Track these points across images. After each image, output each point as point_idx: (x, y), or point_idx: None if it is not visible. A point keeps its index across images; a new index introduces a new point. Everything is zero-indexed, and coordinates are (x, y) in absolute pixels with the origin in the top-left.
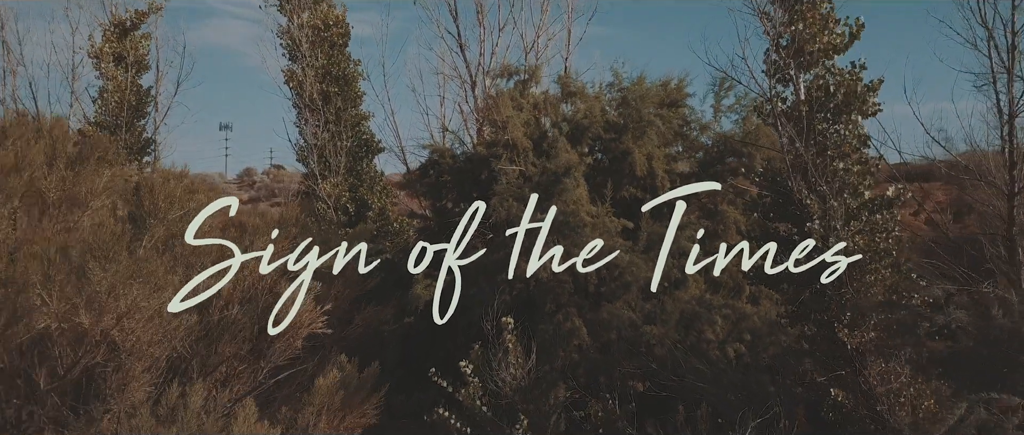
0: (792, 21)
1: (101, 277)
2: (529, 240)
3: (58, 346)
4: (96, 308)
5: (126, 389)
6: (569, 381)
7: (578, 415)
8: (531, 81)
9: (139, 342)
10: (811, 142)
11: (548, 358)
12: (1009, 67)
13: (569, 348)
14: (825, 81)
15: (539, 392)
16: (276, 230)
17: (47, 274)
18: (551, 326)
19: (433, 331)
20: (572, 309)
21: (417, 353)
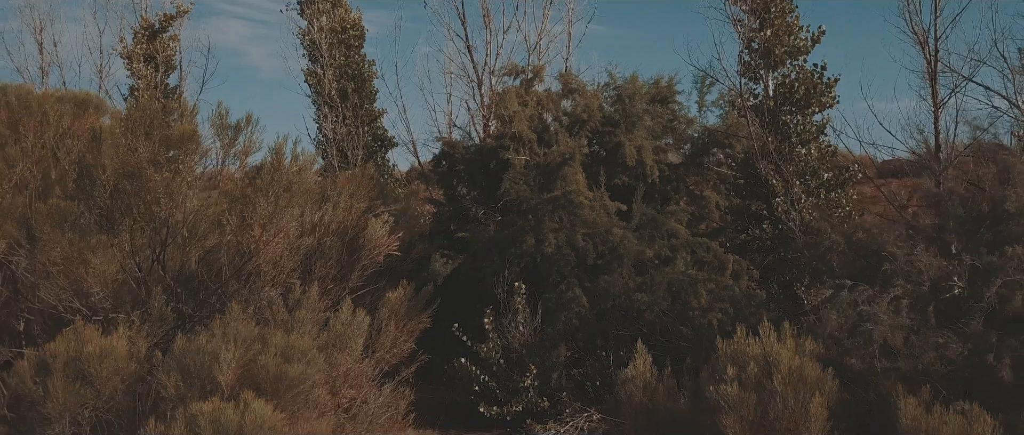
0: (762, 27)
1: (263, 206)
2: (535, 218)
3: (227, 256)
4: (260, 227)
5: (267, 286)
6: (570, 342)
7: (577, 372)
8: (535, 79)
9: (279, 255)
10: (777, 131)
11: (552, 322)
12: (933, 69)
13: (570, 314)
14: (790, 79)
15: (544, 350)
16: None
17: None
18: (554, 294)
19: (451, 301)
20: (573, 280)
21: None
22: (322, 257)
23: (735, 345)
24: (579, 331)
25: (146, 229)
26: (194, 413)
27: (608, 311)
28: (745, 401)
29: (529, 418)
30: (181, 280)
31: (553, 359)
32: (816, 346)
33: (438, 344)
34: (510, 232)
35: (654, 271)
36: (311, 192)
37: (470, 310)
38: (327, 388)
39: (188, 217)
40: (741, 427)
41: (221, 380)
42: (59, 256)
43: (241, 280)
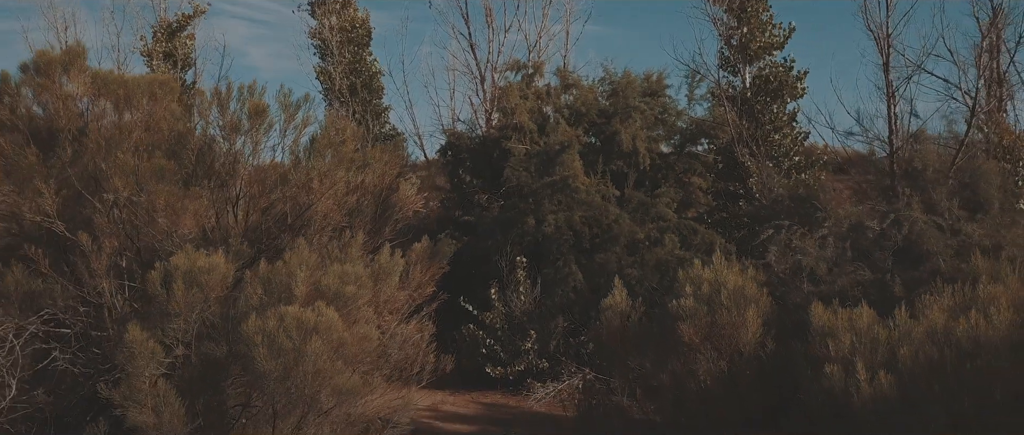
0: (739, 25)
1: (320, 164)
2: (535, 200)
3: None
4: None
5: (320, 233)
6: (567, 314)
7: (574, 341)
8: (535, 75)
9: (330, 209)
10: (752, 119)
11: (550, 295)
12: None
13: (567, 288)
14: (765, 72)
15: (543, 319)
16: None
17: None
18: (553, 270)
19: (458, 279)
20: (570, 258)
21: None
22: (361, 214)
23: (693, 271)
24: (575, 304)
25: (227, 183)
26: (282, 313)
27: (602, 286)
28: (698, 311)
29: (529, 377)
30: (252, 226)
31: (552, 328)
32: (757, 273)
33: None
34: (512, 214)
35: (645, 251)
36: (355, 158)
37: (476, 286)
38: (372, 308)
39: (259, 174)
40: (695, 331)
41: (297, 292)
42: (162, 202)
43: (298, 229)
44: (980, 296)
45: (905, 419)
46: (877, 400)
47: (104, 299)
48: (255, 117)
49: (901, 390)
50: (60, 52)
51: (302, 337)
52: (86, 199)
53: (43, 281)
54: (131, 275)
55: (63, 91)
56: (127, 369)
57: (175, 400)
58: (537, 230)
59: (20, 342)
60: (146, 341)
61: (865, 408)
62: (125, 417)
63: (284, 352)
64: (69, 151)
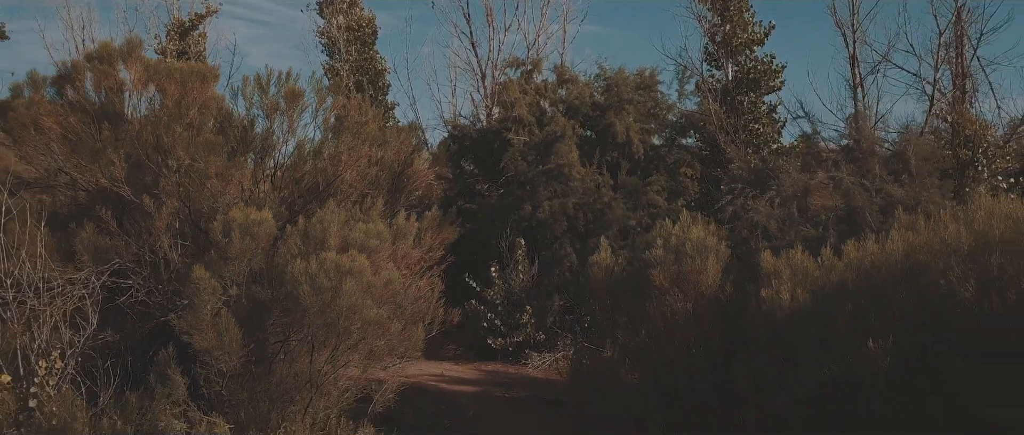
0: (722, 22)
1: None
2: (532, 188)
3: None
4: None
5: (346, 200)
6: (562, 293)
7: (569, 318)
8: (534, 71)
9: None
10: (734, 110)
11: (547, 275)
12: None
13: (562, 269)
14: (746, 66)
15: (541, 297)
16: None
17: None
18: (549, 252)
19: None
20: (565, 241)
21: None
22: (380, 185)
23: (664, 228)
24: (571, 284)
25: (265, 156)
26: (322, 258)
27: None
28: (667, 259)
29: (527, 348)
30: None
31: (548, 306)
32: (719, 230)
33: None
34: (511, 200)
35: (636, 236)
36: (375, 136)
37: (477, 269)
38: (392, 262)
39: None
40: (664, 277)
41: (330, 243)
42: (214, 171)
43: (326, 196)
44: (891, 238)
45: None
46: (794, 312)
47: (161, 254)
48: (290, 100)
49: (815, 304)
50: (120, 43)
51: (338, 278)
52: (146, 168)
53: (110, 238)
54: (183, 235)
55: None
56: (193, 301)
57: (234, 326)
58: (533, 215)
59: (99, 283)
60: (209, 279)
61: (785, 318)
62: (191, 342)
63: (323, 290)
64: (136, 126)
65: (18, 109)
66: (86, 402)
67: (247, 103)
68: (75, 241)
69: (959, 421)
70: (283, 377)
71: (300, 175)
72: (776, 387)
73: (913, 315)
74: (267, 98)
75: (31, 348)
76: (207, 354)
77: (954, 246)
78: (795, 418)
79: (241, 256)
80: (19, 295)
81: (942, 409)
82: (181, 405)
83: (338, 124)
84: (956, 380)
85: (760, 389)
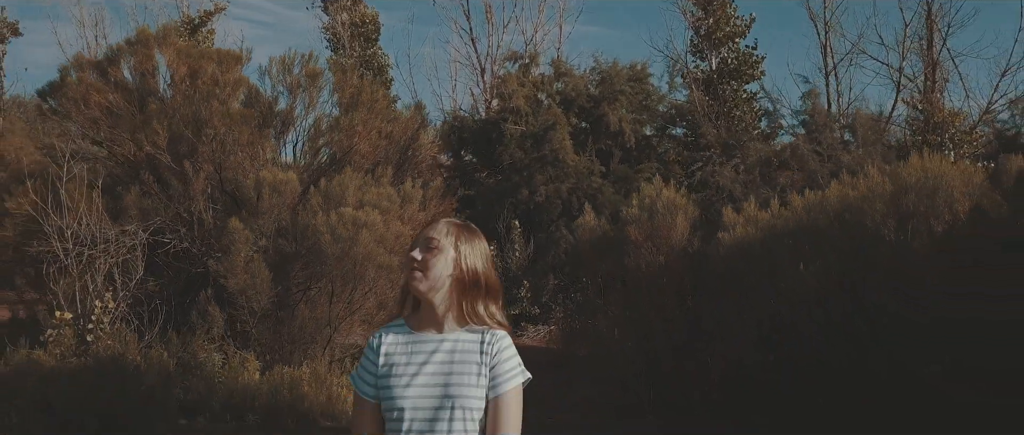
0: (706, 16)
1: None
2: (528, 174)
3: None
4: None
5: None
6: (557, 273)
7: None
8: (531, 64)
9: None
10: (717, 98)
11: (543, 256)
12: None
13: (557, 250)
14: (728, 57)
15: (536, 275)
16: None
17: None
18: (545, 234)
19: None
20: (560, 224)
21: None
22: (389, 159)
23: (641, 192)
24: (565, 264)
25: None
26: (341, 213)
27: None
28: (642, 217)
29: (524, 321)
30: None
31: (543, 284)
32: (689, 193)
33: None
34: (508, 186)
35: None
36: (385, 113)
37: None
38: (400, 222)
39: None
40: (638, 233)
41: (348, 201)
42: (245, 139)
43: (343, 164)
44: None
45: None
46: (745, 247)
47: (196, 214)
48: (311, 79)
49: (764, 243)
50: (156, 29)
51: (355, 230)
52: (183, 138)
53: (151, 200)
54: (214, 199)
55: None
56: (229, 249)
57: (265, 270)
58: (530, 199)
59: (145, 236)
60: (243, 229)
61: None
62: (226, 285)
63: (342, 239)
64: (178, 100)
65: (69, 88)
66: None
67: (272, 82)
68: (122, 202)
69: (900, 377)
70: (304, 321)
71: (319, 146)
72: (735, 325)
73: (844, 249)
74: (291, 76)
75: (88, 291)
76: (241, 295)
77: (879, 192)
78: (752, 361)
79: (270, 211)
80: (77, 247)
81: (885, 363)
82: (217, 341)
83: (352, 100)
84: (891, 328)
85: (722, 324)
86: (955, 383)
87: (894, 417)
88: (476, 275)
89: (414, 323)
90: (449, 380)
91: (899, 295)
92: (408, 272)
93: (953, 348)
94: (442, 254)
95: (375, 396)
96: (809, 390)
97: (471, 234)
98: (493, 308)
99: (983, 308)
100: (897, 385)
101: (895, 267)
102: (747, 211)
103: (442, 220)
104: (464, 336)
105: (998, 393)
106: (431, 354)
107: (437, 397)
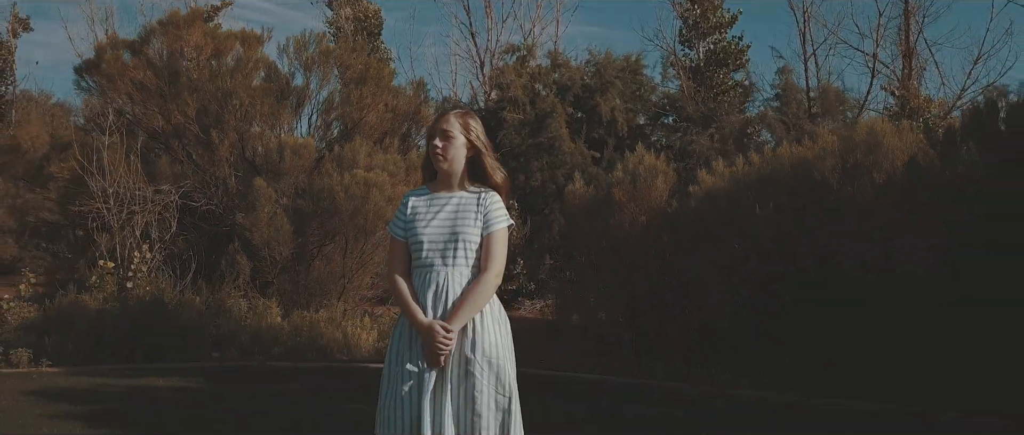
0: (694, 6)
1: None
2: (525, 160)
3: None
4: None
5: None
6: (553, 254)
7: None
8: (529, 56)
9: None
10: (703, 84)
11: (538, 238)
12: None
13: (552, 232)
14: (715, 46)
15: (533, 256)
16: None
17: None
18: (540, 217)
19: None
20: (555, 206)
21: None
22: (394, 132)
23: (625, 158)
24: (560, 245)
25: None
26: (354, 174)
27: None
28: (625, 180)
29: (520, 296)
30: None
31: (539, 265)
32: (669, 160)
33: None
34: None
35: None
36: (392, 89)
37: None
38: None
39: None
40: (623, 193)
41: (360, 165)
42: (266, 110)
43: (353, 134)
44: None
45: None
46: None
47: (222, 178)
48: (324, 56)
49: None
50: (185, 12)
51: (366, 188)
52: (209, 110)
53: (181, 166)
54: (236, 166)
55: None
56: (254, 205)
57: (287, 223)
58: (527, 184)
59: (177, 195)
60: (266, 187)
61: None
62: (251, 238)
63: (355, 197)
64: (207, 73)
65: (105, 65)
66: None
67: (289, 60)
68: (155, 167)
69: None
70: (320, 274)
71: (331, 118)
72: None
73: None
74: (306, 53)
75: (127, 245)
76: (264, 247)
77: (830, 149)
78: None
79: (290, 172)
80: (117, 205)
81: (834, 299)
82: (242, 289)
83: (361, 76)
84: (840, 280)
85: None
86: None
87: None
88: (482, 142)
89: (432, 188)
90: (455, 222)
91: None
92: (433, 156)
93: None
94: (455, 140)
95: (404, 236)
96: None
97: (471, 116)
98: (494, 160)
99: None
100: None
101: (841, 209)
102: (716, 169)
103: (450, 113)
104: (467, 194)
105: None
106: (444, 206)
107: (447, 232)
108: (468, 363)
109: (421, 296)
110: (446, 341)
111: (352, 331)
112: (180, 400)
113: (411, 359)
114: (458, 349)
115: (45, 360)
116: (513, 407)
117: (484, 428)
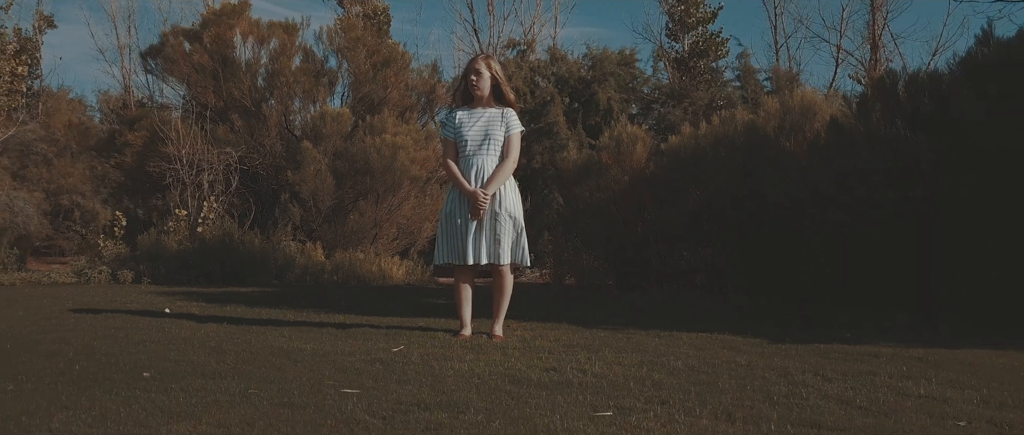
0: (678, 3)
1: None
2: (525, 145)
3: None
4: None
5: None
6: (551, 232)
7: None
8: (528, 50)
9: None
10: (687, 73)
11: (538, 218)
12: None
13: (551, 212)
14: (698, 39)
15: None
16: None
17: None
18: (540, 198)
19: None
20: (555, 188)
21: None
22: (414, 107)
23: (611, 127)
24: (558, 225)
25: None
26: (383, 138)
27: (580, 213)
28: (610, 144)
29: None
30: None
31: (538, 243)
32: (649, 130)
33: None
34: None
35: None
36: (409, 68)
37: None
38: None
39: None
40: (609, 157)
41: (388, 130)
42: (306, 88)
43: (379, 108)
44: None
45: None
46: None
47: (269, 146)
48: (353, 42)
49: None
50: (235, 3)
51: (394, 150)
52: (257, 88)
53: (236, 135)
54: (281, 138)
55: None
56: (301, 163)
57: (330, 177)
58: (527, 167)
59: (236, 157)
60: (312, 148)
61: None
62: (299, 192)
63: (385, 157)
64: (255, 58)
65: (169, 49)
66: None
67: (324, 45)
68: (214, 135)
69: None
70: (355, 224)
71: (360, 95)
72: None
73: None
74: (340, 38)
75: (196, 196)
76: (310, 198)
77: (773, 113)
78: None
79: (330, 137)
80: (187, 165)
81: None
82: (292, 234)
83: (385, 60)
84: (771, 210)
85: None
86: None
87: None
88: (500, 76)
89: (469, 106)
90: (488, 127)
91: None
92: (470, 86)
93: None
94: (483, 74)
95: (454, 137)
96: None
97: (493, 58)
98: (509, 89)
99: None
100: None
101: (781, 161)
102: (684, 132)
103: (479, 57)
104: (493, 110)
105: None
106: (479, 118)
107: (482, 134)
108: (496, 216)
109: (466, 174)
110: (485, 200)
111: (386, 265)
112: (262, 297)
113: (460, 214)
114: (490, 206)
115: (146, 279)
116: (522, 240)
117: (505, 250)
